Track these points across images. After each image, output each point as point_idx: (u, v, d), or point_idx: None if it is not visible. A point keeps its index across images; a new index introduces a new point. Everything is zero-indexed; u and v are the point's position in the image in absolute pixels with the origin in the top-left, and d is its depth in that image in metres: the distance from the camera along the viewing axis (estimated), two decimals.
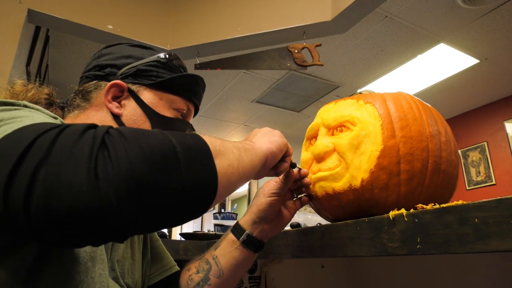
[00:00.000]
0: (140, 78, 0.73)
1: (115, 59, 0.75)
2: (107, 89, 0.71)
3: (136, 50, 0.77)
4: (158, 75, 0.74)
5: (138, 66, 0.74)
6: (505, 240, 0.39)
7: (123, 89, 0.72)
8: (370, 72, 3.52)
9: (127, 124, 0.71)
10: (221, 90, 3.88)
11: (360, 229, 0.59)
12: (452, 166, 0.69)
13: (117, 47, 0.78)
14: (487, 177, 4.05)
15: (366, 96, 0.75)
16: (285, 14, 2.28)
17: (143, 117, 0.72)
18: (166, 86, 0.74)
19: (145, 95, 0.73)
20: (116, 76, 0.73)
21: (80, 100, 0.72)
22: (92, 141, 0.37)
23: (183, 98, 0.77)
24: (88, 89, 0.73)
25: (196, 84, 0.79)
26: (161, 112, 0.73)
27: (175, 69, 0.77)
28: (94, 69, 0.75)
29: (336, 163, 0.70)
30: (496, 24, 2.80)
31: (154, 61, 0.75)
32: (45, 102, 0.69)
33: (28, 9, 2.10)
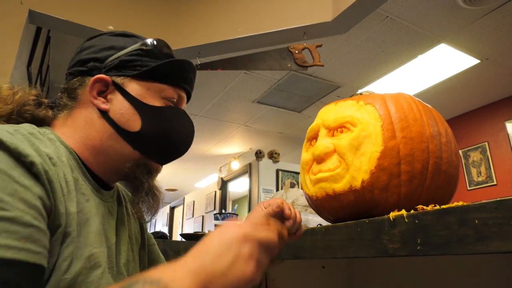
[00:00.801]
0: (124, 69, 0.70)
1: (97, 52, 0.71)
2: (90, 85, 0.68)
3: (119, 40, 0.73)
4: (143, 64, 0.70)
5: (121, 57, 0.70)
6: (506, 241, 0.39)
7: (108, 83, 0.69)
8: (371, 72, 3.52)
9: (116, 119, 0.68)
10: (222, 90, 3.88)
11: (360, 230, 0.59)
12: (453, 167, 0.70)
13: (99, 39, 0.74)
14: (488, 177, 4.04)
15: (367, 97, 0.75)
16: (286, 14, 2.28)
17: (131, 110, 0.69)
18: (152, 75, 0.70)
19: (131, 86, 0.69)
20: (100, 70, 0.69)
21: (66, 99, 0.70)
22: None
23: (172, 85, 0.73)
24: (73, 86, 0.70)
25: (184, 70, 0.75)
26: (150, 103, 0.70)
27: (161, 56, 0.73)
28: (77, 64, 0.71)
29: (336, 164, 0.71)
30: (497, 24, 2.80)
31: (138, 50, 0.71)
32: (33, 103, 0.67)
33: (29, 10, 2.10)
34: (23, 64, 2.26)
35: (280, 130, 5.08)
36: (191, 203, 8.42)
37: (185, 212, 8.75)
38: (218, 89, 3.86)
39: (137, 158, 0.70)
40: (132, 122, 0.68)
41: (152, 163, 0.73)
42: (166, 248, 1.28)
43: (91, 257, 0.58)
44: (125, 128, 0.68)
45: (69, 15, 2.22)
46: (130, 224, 0.77)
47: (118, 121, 0.68)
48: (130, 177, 0.71)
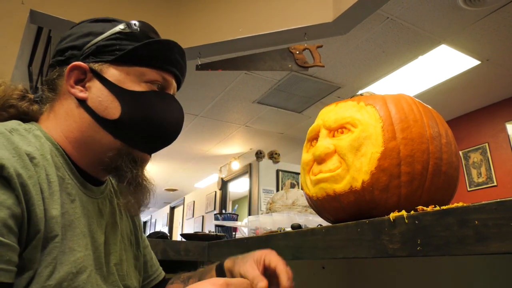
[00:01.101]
0: (102, 55, 0.66)
1: (74, 39, 0.68)
2: (67, 73, 0.65)
3: (97, 26, 0.69)
4: (121, 48, 0.66)
5: (99, 42, 0.66)
6: (505, 242, 0.40)
7: (85, 71, 0.65)
8: (371, 73, 3.52)
9: (94, 107, 0.65)
10: (222, 90, 3.88)
11: (360, 231, 0.59)
12: (453, 168, 0.70)
13: (78, 27, 0.70)
14: (488, 178, 4.04)
15: (367, 98, 0.75)
16: (287, 15, 2.29)
17: (110, 97, 0.65)
18: (131, 59, 0.66)
19: (110, 72, 0.66)
20: (77, 58, 0.66)
21: (47, 91, 0.68)
22: None
23: (154, 68, 0.68)
24: (52, 77, 0.67)
25: (167, 50, 0.70)
26: (130, 88, 0.66)
27: (142, 38, 0.68)
28: (57, 55, 0.69)
29: (336, 165, 0.71)
30: (497, 25, 2.80)
31: (116, 34, 0.67)
32: (17, 97, 0.65)
33: (30, 9, 2.11)
34: (24, 64, 2.27)
35: (281, 131, 5.08)
36: (191, 203, 8.42)
37: (185, 212, 8.76)
38: (218, 90, 3.86)
39: (119, 147, 0.66)
40: (111, 109, 0.65)
41: (137, 152, 0.69)
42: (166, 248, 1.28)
43: (76, 261, 0.56)
44: (104, 116, 0.65)
45: (70, 15, 2.22)
46: (122, 221, 0.75)
47: (97, 109, 0.65)
48: (112, 167, 0.67)
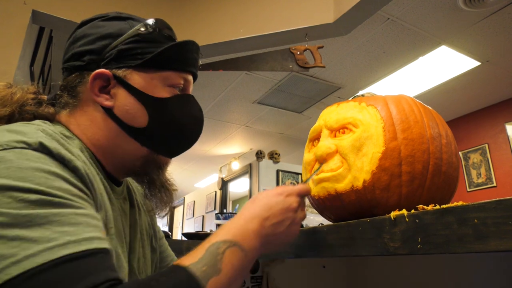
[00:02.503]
0: (124, 60, 0.64)
1: (91, 42, 0.65)
2: (90, 81, 0.63)
3: (113, 26, 0.67)
4: (143, 52, 0.65)
5: (119, 46, 0.64)
6: (504, 240, 0.40)
7: (109, 78, 0.64)
8: (371, 74, 3.53)
9: (121, 116, 0.64)
10: (222, 91, 3.89)
11: (362, 229, 0.60)
12: (453, 168, 0.71)
13: (91, 26, 0.68)
14: (487, 179, 4.05)
15: (368, 98, 0.76)
16: (288, 16, 2.30)
17: (137, 105, 0.64)
18: (155, 63, 0.65)
19: (134, 78, 0.65)
20: (98, 64, 0.64)
21: (67, 97, 0.66)
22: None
23: (177, 71, 0.68)
24: (73, 84, 0.65)
25: (188, 52, 0.70)
26: (155, 94, 0.65)
27: (161, 40, 0.67)
28: (72, 58, 0.66)
29: (338, 165, 0.72)
30: (497, 26, 2.81)
31: (135, 36, 0.65)
32: (33, 103, 0.64)
33: (33, 10, 2.11)
34: (26, 64, 2.28)
35: (281, 131, 5.09)
36: (192, 203, 8.43)
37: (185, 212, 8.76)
38: (219, 90, 3.87)
39: (146, 155, 0.67)
40: (138, 118, 0.65)
41: (161, 158, 0.70)
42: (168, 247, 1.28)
43: (117, 258, 0.58)
44: (131, 124, 0.65)
45: (72, 15, 2.23)
46: (141, 218, 0.76)
47: (124, 118, 0.64)
48: (141, 174, 0.69)
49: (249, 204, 0.61)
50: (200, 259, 0.49)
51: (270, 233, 0.59)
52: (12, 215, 0.42)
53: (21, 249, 0.41)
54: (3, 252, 0.40)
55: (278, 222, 0.59)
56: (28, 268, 0.40)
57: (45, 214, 0.44)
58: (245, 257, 0.54)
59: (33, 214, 0.43)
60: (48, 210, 0.44)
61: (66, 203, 0.47)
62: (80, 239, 0.44)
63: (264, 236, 0.58)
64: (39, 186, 0.45)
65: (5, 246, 0.40)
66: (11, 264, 0.40)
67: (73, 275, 0.41)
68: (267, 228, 0.58)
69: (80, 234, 0.45)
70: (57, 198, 0.46)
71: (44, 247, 0.41)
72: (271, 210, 0.59)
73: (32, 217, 0.43)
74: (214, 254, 0.51)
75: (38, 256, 0.40)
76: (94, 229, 0.48)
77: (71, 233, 0.44)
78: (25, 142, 0.49)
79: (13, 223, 0.42)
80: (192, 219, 8.20)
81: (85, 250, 0.44)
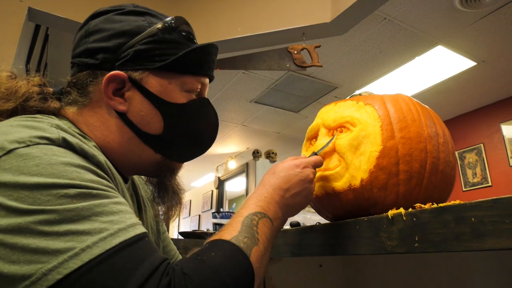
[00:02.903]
0: (141, 61, 0.61)
1: (106, 39, 0.61)
2: (104, 84, 0.60)
3: (130, 22, 0.62)
4: (162, 53, 0.61)
5: (136, 46, 0.60)
6: (501, 239, 0.41)
7: (124, 80, 0.60)
8: (368, 73, 3.54)
9: (136, 121, 0.62)
10: (219, 90, 3.89)
11: (359, 228, 0.60)
12: (450, 167, 0.71)
13: (106, 20, 0.63)
14: (483, 178, 4.07)
15: (366, 97, 0.76)
16: (285, 15, 2.30)
17: (153, 111, 0.62)
18: (173, 67, 0.62)
19: (151, 82, 0.61)
20: (112, 63, 0.61)
21: (77, 95, 0.62)
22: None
23: (194, 75, 0.65)
24: (84, 82, 0.62)
25: (208, 55, 0.66)
26: (172, 100, 0.63)
27: (181, 40, 0.64)
28: (84, 54, 0.62)
29: (336, 163, 0.72)
30: (493, 27, 2.82)
31: (153, 36, 0.61)
32: (38, 98, 0.60)
33: (29, 7, 2.10)
34: (21, 62, 2.26)
35: (278, 130, 5.09)
36: (188, 202, 8.42)
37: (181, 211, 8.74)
38: (216, 89, 3.86)
39: (160, 161, 0.66)
40: (153, 124, 0.62)
41: (175, 163, 0.69)
42: None
43: None
44: (146, 131, 0.63)
45: (68, 13, 2.22)
46: (146, 214, 0.76)
47: (138, 124, 0.62)
48: (153, 179, 0.70)
49: (269, 176, 0.65)
50: (239, 233, 0.52)
51: (290, 203, 0.63)
52: (58, 212, 0.42)
53: (76, 242, 0.41)
54: (59, 247, 0.40)
55: (297, 192, 0.64)
56: (87, 260, 0.40)
57: (89, 206, 0.44)
58: (273, 227, 0.59)
59: (78, 208, 0.44)
60: (90, 202, 0.45)
61: (103, 194, 0.47)
62: (127, 226, 0.46)
63: (285, 206, 0.62)
64: (74, 181, 0.45)
65: (59, 242, 0.41)
66: (69, 258, 0.40)
67: (131, 261, 0.43)
68: (288, 199, 0.63)
69: (124, 222, 0.46)
70: (94, 190, 0.47)
71: (98, 238, 0.42)
72: (290, 182, 0.64)
73: (78, 211, 0.43)
74: (250, 226, 0.54)
75: (94, 248, 0.41)
76: (132, 215, 0.49)
77: (117, 221, 0.45)
78: (48, 138, 0.49)
79: (61, 219, 0.42)
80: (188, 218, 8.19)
81: (134, 236, 0.45)
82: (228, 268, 0.47)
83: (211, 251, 0.48)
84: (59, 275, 0.39)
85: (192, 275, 0.44)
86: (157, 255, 0.46)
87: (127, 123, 0.62)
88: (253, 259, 0.50)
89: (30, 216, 0.41)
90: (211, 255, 0.48)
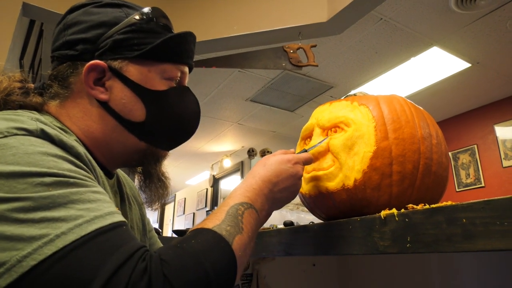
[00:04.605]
0: (120, 50, 0.62)
1: (84, 31, 0.62)
2: (85, 74, 0.61)
3: (107, 13, 0.64)
4: (140, 42, 0.63)
5: (114, 36, 0.62)
6: (491, 240, 0.41)
7: (104, 69, 0.62)
8: (364, 73, 3.55)
9: (118, 109, 0.63)
10: (215, 88, 3.88)
11: (352, 228, 0.61)
12: (443, 168, 0.71)
13: (83, 13, 0.64)
14: (476, 179, 4.11)
15: (361, 98, 0.76)
16: (281, 14, 2.30)
17: (134, 98, 0.63)
18: (152, 55, 0.63)
19: (130, 70, 0.63)
20: (92, 54, 0.62)
21: (58, 88, 0.63)
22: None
23: (174, 63, 0.66)
24: (65, 74, 0.63)
25: (185, 43, 0.68)
26: (152, 87, 0.64)
27: (158, 30, 0.65)
28: (64, 47, 0.63)
29: (330, 163, 0.72)
30: (488, 29, 2.84)
31: (131, 26, 0.62)
32: (20, 92, 0.60)
33: (23, 2, 2.08)
34: (15, 57, 2.24)
35: (273, 129, 5.09)
36: (182, 200, 8.40)
37: (176, 209, 8.73)
38: (211, 87, 3.86)
39: (144, 149, 0.66)
40: (135, 111, 0.63)
41: (159, 151, 0.70)
42: None
43: None
44: (128, 118, 0.63)
45: (63, 9, 2.19)
46: (132, 211, 0.75)
47: (121, 112, 0.63)
48: (138, 168, 0.69)
49: (260, 168, 0.65)
50: (223, 221, 0.52)
51: (277, 197, 0.64)
52: (34, 199, 0.42)
53: (51, 229, 0.41)
54: (33, 234, 0.40)
55: (285, 187, 0.64)
56: (61, 246, 0.40)
57: (65, 193, 0.44)
58: (258, 218, 0.58)
59: (54, 195, 0.43)
60: (67, 190, 0.45)
61: (80, 182, 0.47)
62: (104, 214, 0.45)
63: (272, 199, 0.62)
64: (51, 169, 0.45)
65: (34, 229, 0.41)
66: (44, 244, 0.40)
67: (107, 247, 0.42)
68: (276, 193, 0.63)
69: (102, 210, 0.46)
70: (72, 179, 0.46)
71: (73, 224, 0.42)
72: (280, 176, 0.64)
73: (54, 198, 0.43)
74: (234, 215, 0.54)
75: (69, 234, 0.41)
76: (111, 204, 0.48)
77: (94, 209, 0.45)
78: (26, 129, 0.49)
79: (36, 206, 0.42)
80: (182, 216, 8.18)
81: (111, 223, 0.45)
82: (208, 254, 0.46)
83: (191, 239, 0.48)
84: (33, 261, 0.39)
85: (169, 261, 0.44)
86: (134, 242, 0.45)
87: (110, 111, 0.63)
88: (236, 247, 0.50)
89: (5, 204, 0.41)
90: (191, 243, 0.47)
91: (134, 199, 0.80)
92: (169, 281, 0.42)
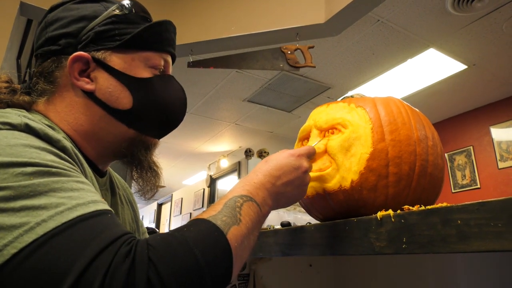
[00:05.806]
0: (102, 41, 0.63)
1: (66, 26, 0.64)
2: (69, 65, 0.62)
3: (86, 8, 0.65)
4: (121, 33, 0.64)
5: (95, 28, 0.63)
6: (486, 241, 0.41)
7: (88, 60, 0.63)
8: (361, 74, 3.56)
9: (104, 98, 0.63)
10: (213, 88, 3.88)
11: (348, 229, 0.61)
12: (438, 169, 0.72)
13: (63, 9, 0.66)
14: (472, 180, 4.13)
15: (358, 100, 0.77)
16: (279, 15, 2.30)
17: (120, 86, 0.64)
18: (134, 44, 0.65)
19: (114, 60, 0.64)
20: (75, 47, 0.63)
21: (44, 84, 0.64)
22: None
23: (156, 51, 0.68)
24: (49, 69, 0.64)
25: (166, 32, 0.69)
26: (137, 75, 0.65)
27: (138, 20, 0.67)
28: (47, 43, 0.64)
29: (327, 164, 0.72)
30: (484, 31, 2.86)
31: (111, 17, 0.64)
32: (6, 91, 0.61)
33: (21, 1, 2.08)
34: (13, 56, 2.24)
35: (270, 129, 5.10)
36: (179, 200, 8.39)
37: (173, 209, 8.71)
38: (209, 87, 3.86)
39: (133, 136, 0.67)
40: (122, 99, 0.64)
41: (149, 138, 0.70)
42: None
43: None
44: (115, 107, 0.64)
45: None
46: (124, 211, 0.75)
47: (107, 101, 0.64)
48: (128, 156, 0.68)
49: (262, 165, 0.63)
50: (219, 212, 0.50)
51: (281, 192, 0.61)
52: (14, 188, 0.42)
53: (31, 217, 0.41)
54: (14, 223, 0.40)
55: (289, 181, 0.62)
56: (41, 233, 0.40)
57: (46, 182, 0.44)
58: (260, 212, 0.56)
59: (34, 184, 0.43)
60: (48, 179, 0.44)
61: (63, 172, 0.47)
62: (87, 202, 0.45)
63: (276, 194, 0.60)
64: (33, 160, 0.45)
65: (14, 217, 0.41)
66: (24, 232, 0.40)
67: (88, 233, 0.41)
68: (279, 187, 0.61)
69: (85, 198, 0.45)
70: (54, 168, 0.46)
71: (54, 212, 0.42)
72: (282, 169, 0.62)
73: (34, 187, 0.43)
74: (232, 207, 0.52)
75: (50, 221, 0.41)
76: (95, 194, 0.48)
77: (76, 197, 0.44)
78: (10, 124, 0.49)
79: (16, 195, 0.42)
80: (179, 216, 8.17)
81: (94, 210, 0.44)
82: (199, 241, 0.44)
83: (184, 228, 0.47)
84: (14, 249, 0.39)
85: (156, 246, 0.42)
86: (119, 228, 0.44)
87: (96, 101, 0.64)
88: (231, 237, 0.47)
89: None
90: (183, 231, 0.46)
91: (128, 201, 0.80)
92: (154, 265, 0.40)
